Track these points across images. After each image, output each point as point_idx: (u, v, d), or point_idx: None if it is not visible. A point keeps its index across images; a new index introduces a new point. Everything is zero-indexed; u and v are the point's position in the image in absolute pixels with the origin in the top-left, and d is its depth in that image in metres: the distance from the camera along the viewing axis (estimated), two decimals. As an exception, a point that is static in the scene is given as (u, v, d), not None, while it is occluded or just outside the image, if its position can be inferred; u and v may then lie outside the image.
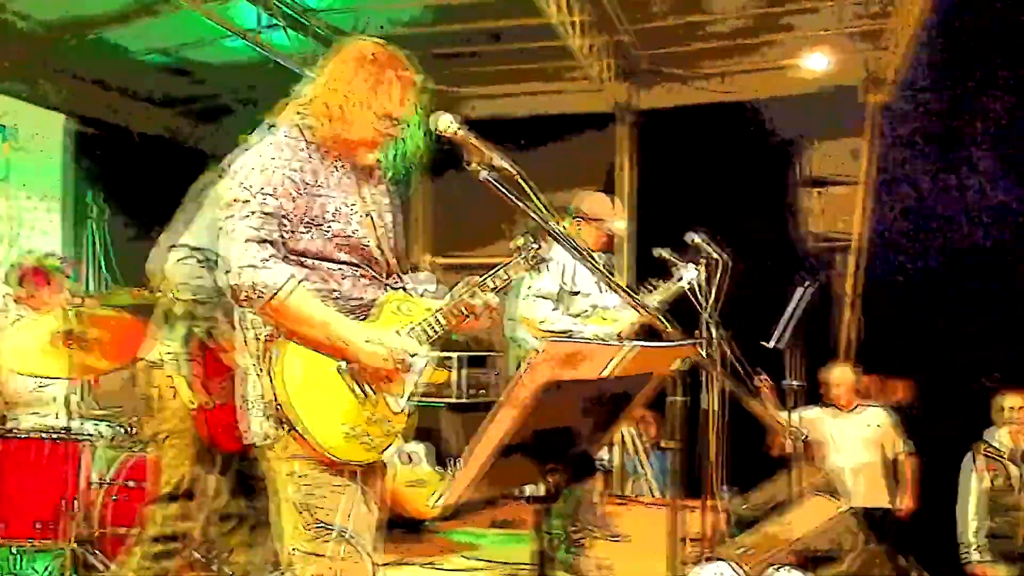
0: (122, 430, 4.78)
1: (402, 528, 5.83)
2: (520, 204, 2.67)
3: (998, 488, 5.77)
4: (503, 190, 2.66)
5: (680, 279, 5.31)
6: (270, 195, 2.58)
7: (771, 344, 5.84)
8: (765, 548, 4.88)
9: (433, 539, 5.96)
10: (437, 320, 2.81)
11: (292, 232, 2.63)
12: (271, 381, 2.55)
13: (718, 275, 5.22)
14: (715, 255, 5.29)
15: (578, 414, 2.27)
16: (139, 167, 7.86)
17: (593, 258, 3.10)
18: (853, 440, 6.69)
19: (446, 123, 2.68)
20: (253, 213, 2.56)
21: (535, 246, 2.95)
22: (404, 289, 2.91)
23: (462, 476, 2.11)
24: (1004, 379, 6.22)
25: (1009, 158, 10.09)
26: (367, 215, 2.82)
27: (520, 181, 2.74)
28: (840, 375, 6.84)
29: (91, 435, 4.51)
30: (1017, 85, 9.98)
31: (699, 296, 5.29)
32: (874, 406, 6.92)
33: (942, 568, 7.15)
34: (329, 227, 2.69)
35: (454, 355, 6.92)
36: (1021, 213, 9.99)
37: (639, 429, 8.33)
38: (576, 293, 5.04)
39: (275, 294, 2.51)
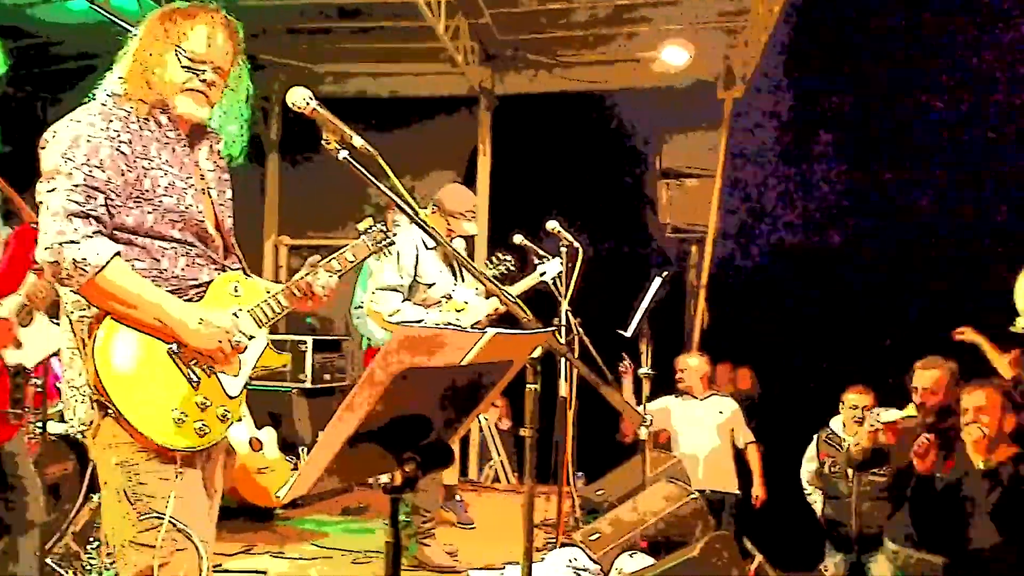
0: None
1: (250, 515, 5.66)
2: (378, 185, 2.58)
3: (831, 473, 6.00)
4: (360, 171, 2.56)
5: (543, 273, 5.32)
6: (96, 167, 2.41)
7: (627, 333, 5.92)
8: (616, 534, 4.93)
9: (282, 527, 5.81)
10: (277, 301, 2.71)
11: (120, 207, 2.46)
12: (94, 365, 2.39)
13: (575, 263, 5.25)
14: (572, 243, 5.31)
15: (434, 402, 2.21)
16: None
17: (453, 247, 3.05)
18: (703, 427, 6.86)
19: (300, 98, 2.55)
20: (77, 187, 2.38)
21: (380, 229, 2.88)
22: (243, 270, 2.79)
23: (310, 466, 2.01)
24: (848, 372, 6.46)
25: (851, 157, 10.55)
26: (203, 191, 2.68)
27: (379, 162, 2.65)
28: (691, 364, 6.99)
29: None
30: (860, 85, 10.44)
31: (557, 284, 5.32)
32: (722, 395, 7.11)
33: (785, 551, 7.44)
34: (160, 202, 2.53)
35: (308, 339, 6.75)
36: (861, 210, 10.47)
37: (492, 415, 8.34)
38: (429, 284, 4.98)
39: (99, 272, 2.35)
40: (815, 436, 6.28)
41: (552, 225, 5.36)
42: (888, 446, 4.97)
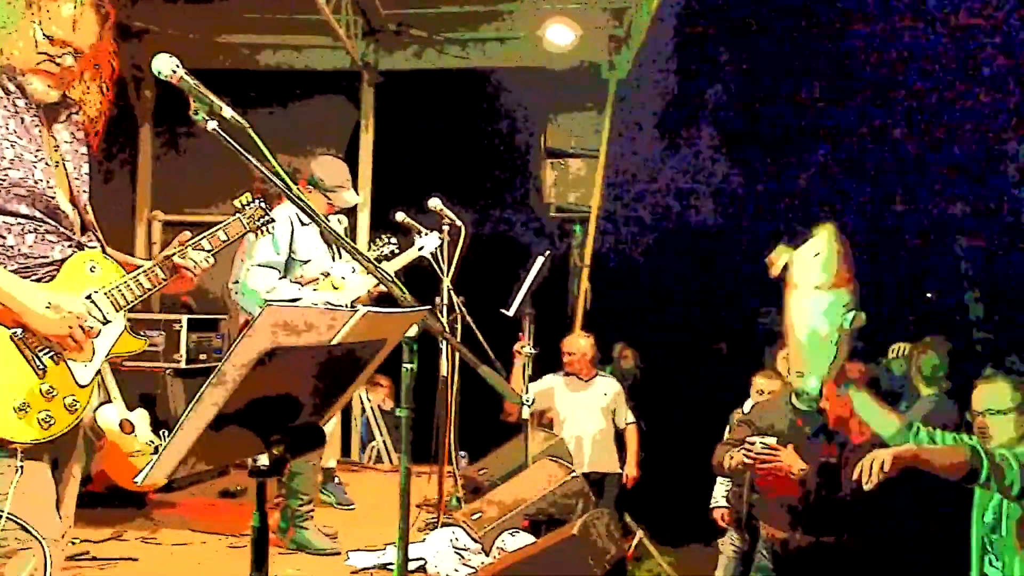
0: None
1: (121, 500, 5.46)
2: (250, 160, 2.48)
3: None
4: (231, 143, 2.46)
5: (421, 247, 5.27)
6: None
7: (509, 312, 5.92)
8: (498, 513, 4.94)
9: (155, 511, 5.62)
10: (138, 282, 2.59)
11: None
12: None
13: (457, 241, 5.23)
14: (455, 221, 5.28)
15: (304, 382, 2.14)
16: None
17: (329, 223, 2.97)
18: (588, 409, 6.92)
19: (166, 66, 2.43)
20: None
21: (259, 206, 2.78)
22: (102, 247, 2.65)
23: (171, 450, 1.93)
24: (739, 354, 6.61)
25: (733, 140, 10.81)
26: (57, 164, 2.53)
27: (251, 135, 2.55)
28: (578, 344, 7.04)
29: None
30: (743, 69, 10.68)
31: (439, 262, 5.28)
32: (607, 376, 7.19)
33: (677, 527, 7.62)
34: (6, 175, 2.39)
35: (183, 318, 6.54)
36: (739, 194, 10.75)
37: (375, 396, 8.26)
38: (305, 261, 4.88)
39: None
40: (729, 418, 6.37)
41: (434, 203, 5.32)
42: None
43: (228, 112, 2.49)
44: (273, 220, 2.88)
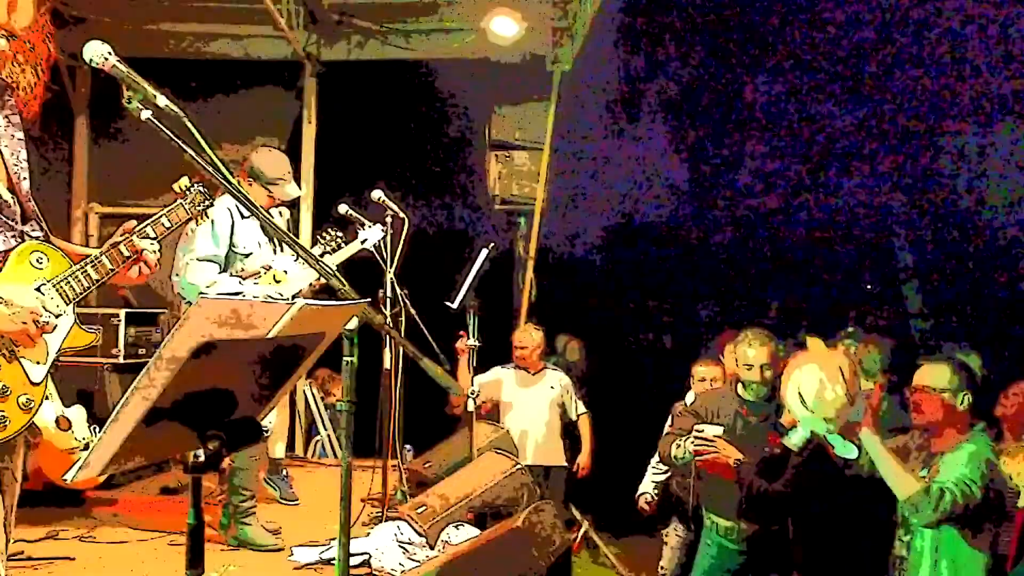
0: None
1: (58, 498, 5.34)
2: (186, 151, 2.42)
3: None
4: (166, 133, 2.41)
5: (364, 240, 5.23)
6: None
7: (453, 304, 5.90)
8: (443, 506, 4.93)
9: (94, 509, 5.52)
10: (86, 273, 2.52)
11: None
12: None
13: (400, 233, 5.20)
14: (398, 213, 5.25)
15: (240, 377, 2.11)
16: None
17: (269, 215, 2.93)
18: (535, 401, 6.93)
19: (98, 53, 2.37)
20: None
21: (199, 190, 2.73)
22: (47, 236, 2.58)
23: (102, 446, 1.88)
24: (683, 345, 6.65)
25: (677, 132, 10.88)
26: None
27: (187, 124, 2.50)
28: (529, 338, 7.03)
29: None
30: (687, 61, 10.75)
31: (383, 254, 5.24)
32: (554, 369, 7.19)
33: (613, 518, 7.66)
34: None
35: (121, 312, 6.42)
36: (687, 184, 10.83)
37: (320, 389, 8.20)
38: (246, 254, 4.81)
39: None
40: (671, 410, 6.40)
41: (376, 195, 5.28)
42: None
43: (163, 101, 2.44)
44: (213, 203, 2.83)
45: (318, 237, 5.46)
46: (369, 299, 2.33)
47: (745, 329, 4.82)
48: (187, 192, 2.73)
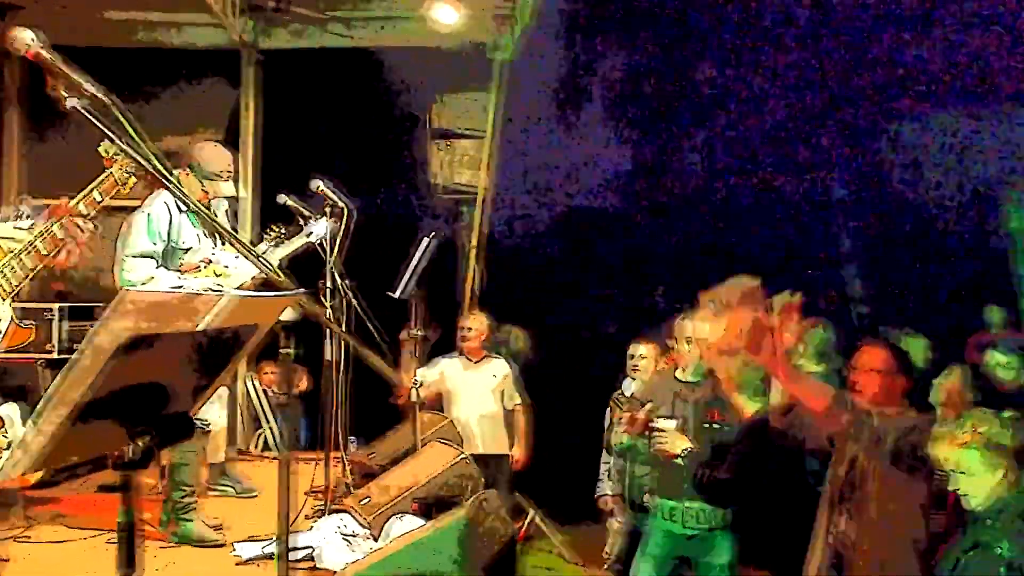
0: None
1: (-10, 499, 5.23)
2: (115, 141, 2.36)
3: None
4: (95, 122, 2.35)
5: (311, 233, 5.17)
6: None
7: (396, 294, 5.86)
8: (387, 497, 4.90)
9: (29, 509, 5.39)
10: (20, 262, 2.44)
11: None
12: None
13: (343, 224, 5.14)
14: (340, 204, 5.19)
15: (171, 371, 2.06)
16: None
17: (205, 209, 2.87)
18: (478, 390, 6.91)
19: (21, 40, 2.30)
20: None
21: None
22: None
23: (27, 445, 1.83)
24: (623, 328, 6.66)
25: (621, 120, 10.91)
26: None
27: (117, 114, 2.43)
28: (474, 326, 7.02)
29: None
30: (631, 49, 10.77)
31: (324, 245, 5.18)
32: (497, 357, 7.18)
33: (561, 506, 7.68)
34: None
35: (54, 306, 6.28)
36: (632, 173, 10.87)
37: (264, 383, 8.10)
38: (186, 249, 4.73)
39: None
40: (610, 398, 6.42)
41: (317, 185, 5.21)
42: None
43: (91, 88, 2.37)
44: (134, 176, 2.74)
45: (264, 234, 5.38)
46: (304, 290, 2.29)
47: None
48: (115, 159, 2.64)
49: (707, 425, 4.58)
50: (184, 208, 4.70)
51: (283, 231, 5.28)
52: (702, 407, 4.62)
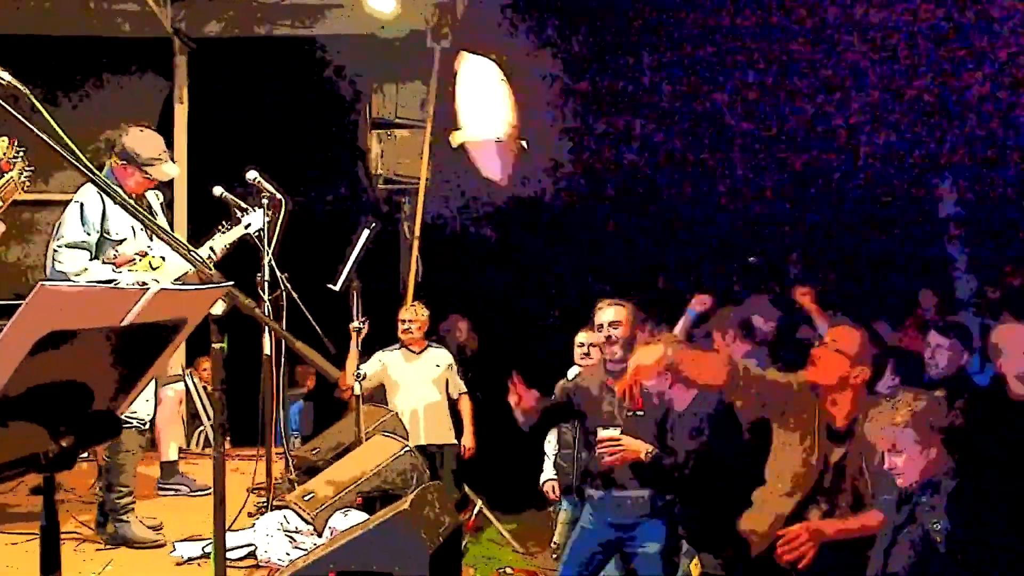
0: None
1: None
2: (33, 129, 2.27)
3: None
4: (15, 114, 2.25)
5: (248, 225, 5.07)
6: None
7: (335, 286, 5.80)
8: (331, 492, 4.83)
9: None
10: None
11: None
12: None
13: (279, 216, 5.05)
14: (276, 195, 5.10)
15: (94, 367, 1.98)
16: None
17: (132, 200, 2.78)
18: (420, 380, 6.89)
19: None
20: None
21: (22, 153, 2.55)
22: None
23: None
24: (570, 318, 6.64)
25: (564, 109, 10.88)
26: None
27: (33, 101, 2.34)
28: (413, 312, 6.98)
29: None
30: (573, 38, 10.74)
31: (262, 237, 5.09)
32: (438, 347, 7.15)
33: (507, 495, 7.68)
34: None
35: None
36: (575, 162, 10.86)
37: (202, 379, 7.97)
38: (120, 240, 4.61)
39: None
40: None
41: (252, 176, 5.11)
42: None
43: (5, 77, 2.27)
44: (26, 148, 2.64)
45: (217, 229, 5.27)
46: (232, 283, 2.22)
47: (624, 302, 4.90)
48: (12, 162, 2.55)
49: (629, 413, 4.61)
50: (115, 200, 4.58)
51: (228, 226, 5.17)
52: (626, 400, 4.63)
